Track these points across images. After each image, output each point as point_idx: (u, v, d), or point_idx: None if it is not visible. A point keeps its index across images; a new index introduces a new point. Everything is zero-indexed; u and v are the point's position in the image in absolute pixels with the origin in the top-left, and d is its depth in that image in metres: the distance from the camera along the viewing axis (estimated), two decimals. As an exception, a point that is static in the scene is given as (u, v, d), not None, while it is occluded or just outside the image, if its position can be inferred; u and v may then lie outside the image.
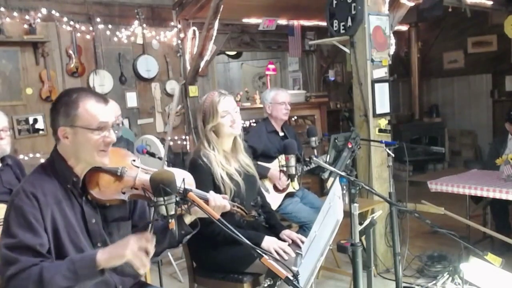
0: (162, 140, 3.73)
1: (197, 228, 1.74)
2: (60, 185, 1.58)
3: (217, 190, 2.27)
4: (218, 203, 1.74)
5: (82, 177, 1.62)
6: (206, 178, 2.27)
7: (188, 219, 1.72)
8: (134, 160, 1.73)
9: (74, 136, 1.55)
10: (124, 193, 1.62)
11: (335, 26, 3.75)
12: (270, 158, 3.51)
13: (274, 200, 3.36)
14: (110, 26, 5.04)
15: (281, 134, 3.67)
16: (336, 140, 2.66)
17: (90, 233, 1.61)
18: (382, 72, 3.71)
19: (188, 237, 1.74)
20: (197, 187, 2.20)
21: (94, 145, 1.56)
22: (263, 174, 3.36)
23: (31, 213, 1.49)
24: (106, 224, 1.67)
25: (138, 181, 1.65)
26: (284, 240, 2.42)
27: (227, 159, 2.37)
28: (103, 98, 1.62)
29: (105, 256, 1.45)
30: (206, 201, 1.71)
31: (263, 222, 1.91)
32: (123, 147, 3.29)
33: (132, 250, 1.44)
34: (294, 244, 2.39)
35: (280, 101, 3.58)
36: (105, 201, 1.62)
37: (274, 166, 3.44)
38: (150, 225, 1.52)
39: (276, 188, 3.46)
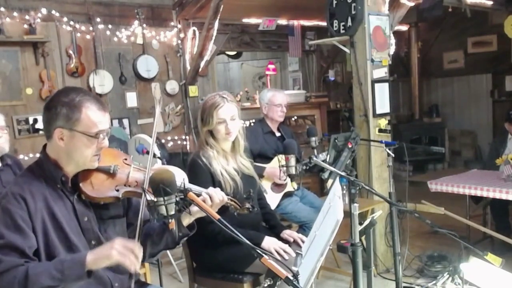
0: (158, 139, 3.73)
1: (194, 230, 1.74)
2: (49, 185, 1.58)
3: (218, 186, 2.28)
4: (216, 198, 1.75)
5: (71, 176, 1.62)
6: (205, 178, 2.28)
7: (186, 221, 1.72)
8: (125, 159, 1.75)
9: (71, 139, 1.55)
10: (117, 190, 1.63)
11: (335, 26, 3.75)
12: (267, 159, 3.51)
13: (272, 200, 3.35)
14: (110, 26, 5.04)
15: (278, 134, 3.66)
16: (336, 140, 2.66)
17: (83, 231, 1.61)
18: (382, 72, 3.71)
19: (185, 239, 1.74)
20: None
21: (90, 151, 1.57)
22: (259, 173, 3.35)
23: (19, 214, 1.49)
24: (102, 221, 1.67)
25: (131, 178, 1.67)
26: (285, 240, 2.42)
27: (226, 158, 2.39)
28: (103, 105, 1.63)
29: (92, 257, 1.46)
30: (203, 198, 1.72)
31: (257, 213, 1.91)
32: (115, 147, 3.31)
33: (118, 250, 1.45)
34: (295, 244, 2.39)
35: (277, 103, 3.57)
36: (99, 199, 1.62)
37: (270, 165, 3.44)
38: (137, 233, 1.52)
39: (274, 188, 3.46)
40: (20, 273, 1.43)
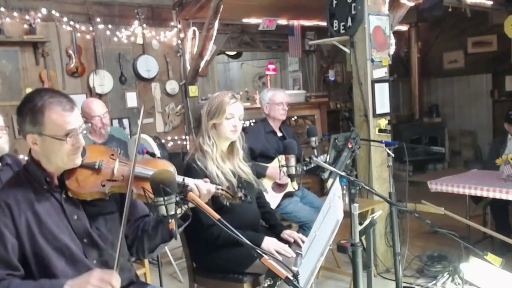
0: (155, 139, 3.73)
1: (189, 219, 1.73)
2: (35, 188, 1.58)
3: None
4: (203, 188, 1.73)
5: (57, 176, 1.63)
6: None
7: (178, 211, 1.71)
8: (112, 155, 1.74)
9: (43, 143, 1.55)
10: (103, 185, 1.62)
11: (335, 26, 3.75)
12: (268, 158, 3.51)
13: (272, 200, 3.36)
14: (110, 26, 5.04)
15: (279, 134, 3.67)
16: (336, 140, 2.66)
17: (74, 229, 1.61)
18: (382, 72, 3.71)
19: (180, 229, 1.73)
20: None
21: (64, 152, 1.56)
22: (261, 172, 3.36)
23: (2, 221, 1.49)
24: (92, 219, 1.66)
25: (117, 173, 1.66)
26: (285, 240, 2.42)
27: (222, 158, 2.39)
28: (69, 104, 1.58)
29: None
30: (190, 188, 1.70)
31: (250, 202, 1.90)
32: (115, 147, 3.31)
33: (94, 284, 1.45)
34: (295, 244, 2.39)
35: (278, 101, 3.58)
36: (86, 195, 1.61)
37: (272, 165, 3.44)
38: (116, 261, 1.50)
39: (274, 188, 3.46)
40: None
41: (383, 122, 3.70)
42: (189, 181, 1.73)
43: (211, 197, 1.80)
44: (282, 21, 6.18)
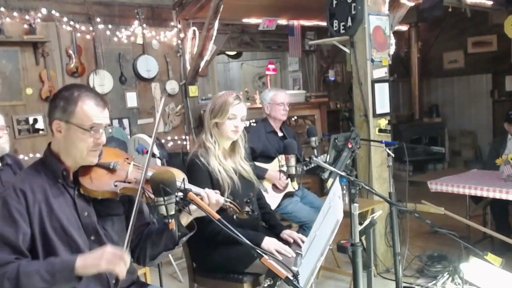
0: (157, 139, 3.73)
1: (193, 229, 1.74)
2: (50, 180, 1.61)
3: (216, 185, 2.30)
4: (213, 198, 1.75)
5: (73, 171, 1.65)
6: (203, 178, 2.30)
7: (184, 220, 1.73)
8: (127, 158, 1.78)
9: (67, 131, 1.60)
10: (116, 186, 1.65)
11: (335, 26, 3.75)
12: (269, 158, 3.52)
13: (272, 200, 3.36)
14: (110, 26, 5.04)
15: (280, 134, 3.68)
16: (336, 140, 2.66)
17: (83, 226, 1.64)
18: (382, 72, 3.71)
19: (184, 239, 1.74)
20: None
21: (84, 144, 1.60)
22: (261, 175, 3.36)
23: (16, 208, 1.52)
24: (100, 218, 1.69)
25: (130, 175, 1.69)
26: (285, 240, 2.42)
27: (224, 156, 2.42)
28: (103, 101, 1.66)
29: (81, 263, 1.47)
30: (201, 197, 1.72)
31: (257, 218, 1.91)
32: (114, 147, 3.31)
33: (107, 259, 1.46)
34: (295, 244, 2.39)
35: (279, 101, 3.59)
36: (97, 193, 1.63)
37: (272, 167, 3.44)
38: (126, 241, 1.52)
39: (275, 188, 3.46)
40: (11, 269, 1.46)
41: (383, 122, 3.71)
42: (200, 190, 1.76)
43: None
44: (282, 21, 6.18)
